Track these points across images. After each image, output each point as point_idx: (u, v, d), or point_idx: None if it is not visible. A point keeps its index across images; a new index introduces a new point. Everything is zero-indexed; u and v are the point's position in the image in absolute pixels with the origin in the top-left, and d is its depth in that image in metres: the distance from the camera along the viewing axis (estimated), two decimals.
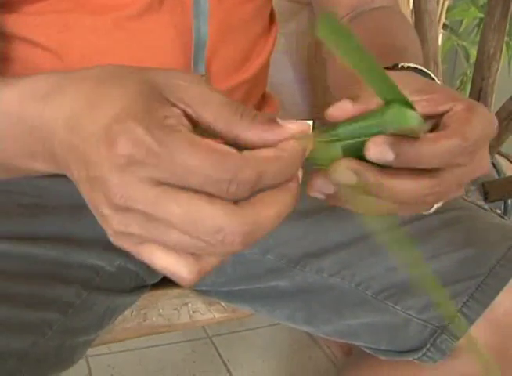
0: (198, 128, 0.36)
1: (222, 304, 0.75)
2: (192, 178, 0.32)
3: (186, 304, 0.74)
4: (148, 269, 0.70)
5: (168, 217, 0.32)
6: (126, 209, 0.33)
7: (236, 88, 0.72)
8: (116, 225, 0.34)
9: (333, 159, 0.39)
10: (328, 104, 0.42)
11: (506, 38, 1.31)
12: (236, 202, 0.33)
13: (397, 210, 0.42)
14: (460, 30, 2.21)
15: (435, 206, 0.47)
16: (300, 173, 0.37)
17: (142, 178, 0.32)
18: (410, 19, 1.17)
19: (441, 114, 0.43)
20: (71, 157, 0.35)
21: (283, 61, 1.02)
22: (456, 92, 0.46)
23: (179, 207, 0.32)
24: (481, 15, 2.08)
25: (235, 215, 0.33)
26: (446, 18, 1.86)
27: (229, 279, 0.70)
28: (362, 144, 0.39)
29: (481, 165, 0.42)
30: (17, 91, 0.40)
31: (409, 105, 0.39)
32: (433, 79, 0.52)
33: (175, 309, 0.73)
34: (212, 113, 0.35)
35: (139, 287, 0.70)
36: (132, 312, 0.71)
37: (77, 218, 0.61)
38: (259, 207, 0.34)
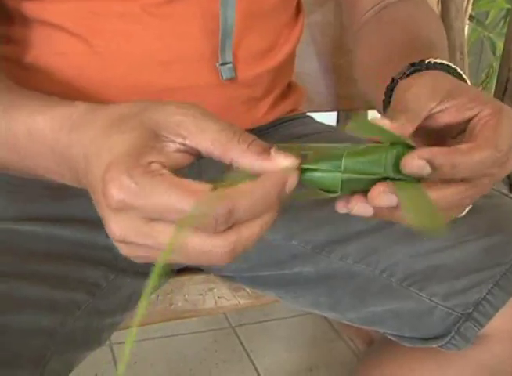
0: None
1: (247, 290, 0.76)
2: (173, 215, 0.37)
3: (211, 289, 0.74)
4: None
5: (162, 247, 0.38)
6: (129, 243, 0.39)
7: (261, 75, 0.73)
8: (125, 253, 0.40)
9: (332, 188, 0.41)
10: (352, 95, 0.43)
11: None
12: None
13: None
14: (487, 21, 2.18)
15: (467, 208, 0.49)
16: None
17: (133, 218, 0.38)
18: (436, 9, 1.16)
19: (469, 119, 0.45)
20: (89, 185, 0.42)
21: (308, 51, 1.03)
22: (482, 94, 0.47)
23: (169, 239, 0.38)
24: (508, 6, 2.05)
25: (218, 237, 0.37)
26: (472, 9, 1.83)
27: (254, 264, 0.70)
28: (362, 180, 0.41)
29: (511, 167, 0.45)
30: (50, 121, 0.46)
31: (413, 147, 0.42)
32: (459, 74, 0.53)
33: (200, 294, 0.74)
34: (209, 139, 0.39)
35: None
36: (158, 296, 0.72)
37: None
38: (241, 226, 0.38)
